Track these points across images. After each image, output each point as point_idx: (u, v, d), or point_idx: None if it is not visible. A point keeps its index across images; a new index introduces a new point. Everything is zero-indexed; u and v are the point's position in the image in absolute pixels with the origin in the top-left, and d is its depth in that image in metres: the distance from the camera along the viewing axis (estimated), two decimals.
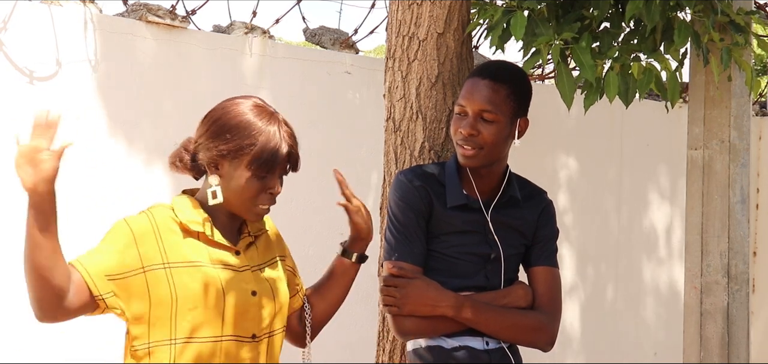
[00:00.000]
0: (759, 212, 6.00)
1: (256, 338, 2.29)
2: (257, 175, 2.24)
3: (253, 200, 2.26)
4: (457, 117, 2.64)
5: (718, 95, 3.44)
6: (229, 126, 2.27)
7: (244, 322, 2.27)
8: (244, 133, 2.25)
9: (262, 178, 2.25)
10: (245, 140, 2.24)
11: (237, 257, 2.31)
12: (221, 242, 2.29)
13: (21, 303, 3.80)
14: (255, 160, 2.23)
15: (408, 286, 2.59)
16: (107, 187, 3.93)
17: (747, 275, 3.49)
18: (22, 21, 3.77)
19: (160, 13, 4.04)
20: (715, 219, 3.46)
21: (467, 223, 2.65)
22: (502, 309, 2.64)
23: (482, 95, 2.59)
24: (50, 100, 3.80)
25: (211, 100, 4.18)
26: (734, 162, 3.45)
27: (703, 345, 3.48)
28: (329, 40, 4.71)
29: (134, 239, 2.22)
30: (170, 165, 2.38)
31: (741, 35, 3.26)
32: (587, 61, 2.95)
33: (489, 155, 2.61)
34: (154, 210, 2.29)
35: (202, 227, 2.27)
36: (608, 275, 5.46)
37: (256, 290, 2.29)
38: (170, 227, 2.26)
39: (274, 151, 2.23)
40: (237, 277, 2.27)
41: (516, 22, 2.96)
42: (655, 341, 5.62)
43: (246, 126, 2.25)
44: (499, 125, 2.59)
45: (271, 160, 2.24)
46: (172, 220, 2.27)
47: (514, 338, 2.67)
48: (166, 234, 2.24)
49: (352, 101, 4.57)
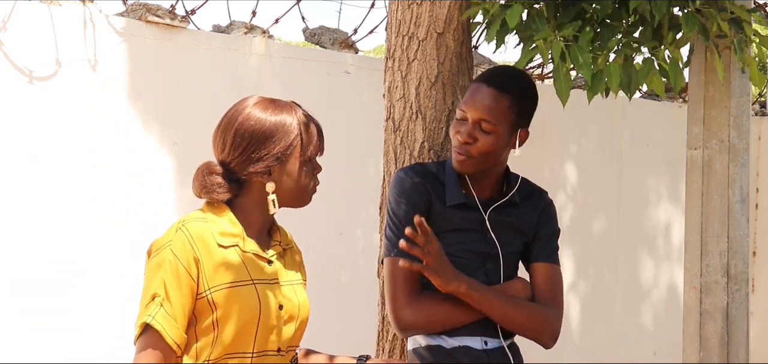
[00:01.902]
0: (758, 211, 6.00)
1: (281, 352, 2.27)
2: (307, 164, 2.29)
3: (309, 186, 2.32)
4: (457, 121, 2.64)
5: (718, 95, 3.44)
6: (266, 132, 2.25)
7: (270, 335, 2.24)
8: (283, 132, 2.26)
9: (310, 163, 2.31)
10: (289, 138, 2.26)
11: (269, 266, 2.28)
12: (258, 253, 2.26)
13: (21, 303, 3.81)
14: (304, 150, 2.28)
15: (434, 241, 2.55)
16: (106, 187, 3.92)
17: (746, 274, 3.49)
18: (22, 20, 3.77)
19: (160, 13, 4.04)
20: (715, 219, 3.46)
21: (466, 221, 2.65)
22: (512, 298, 2.64)
23: (483, 104, 2.58)
24: (50, 100, 3.80)
25: (210, 100, 4.20)
26: (734, 162, 3.45)
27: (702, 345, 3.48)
28: (329, 39, 4.71)
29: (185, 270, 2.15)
30: (202, 194, 2.28)
31: (742, 33, 3.26)
32: (584, 60, 2.94)
33: (482, 163, 2.61)
34: (191, 227, 2.19)
35: (234, 242, 2.22)
36: (608, 275, 5.46)
37: (283, 304, 2.27)
38: (208, 244, 2.19)
39: (314, 134, 2.31)
40: (268, 290, 2.25)
41: (512, 13, 2.96)
42: (655, 340, 5.62)
43: (281, 125, 2.27)
44: (497, 136, 2.58)
45: (314, 142, 2.30)
46: (209, 234, 2.20)
47: (520, 328, 2.65)
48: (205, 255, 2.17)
49: (352, 101, 4.57)
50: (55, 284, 3.80)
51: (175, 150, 4.08)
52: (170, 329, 2.11)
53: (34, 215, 3.77)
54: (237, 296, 2.19)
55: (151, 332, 2.10)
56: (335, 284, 4.45)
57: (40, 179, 3.78)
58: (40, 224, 3.78)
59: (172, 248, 2.14)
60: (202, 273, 2.16)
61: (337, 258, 4.39)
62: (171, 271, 2.13)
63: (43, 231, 3.79)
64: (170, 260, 2.14)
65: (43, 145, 3.79)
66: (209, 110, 4.19)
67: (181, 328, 2.13)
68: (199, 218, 2.22)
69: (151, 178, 4.02)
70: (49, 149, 3.80)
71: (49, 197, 3.80)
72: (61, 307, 3.81)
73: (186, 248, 2.15)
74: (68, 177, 3.84)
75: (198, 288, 2.15)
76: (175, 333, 2.12)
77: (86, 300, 3.85)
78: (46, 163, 3.80)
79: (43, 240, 3.79)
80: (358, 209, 4.51)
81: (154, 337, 2.11)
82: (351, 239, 4.51)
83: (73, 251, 3.85)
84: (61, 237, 3.83)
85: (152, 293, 2.12)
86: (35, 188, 3.78)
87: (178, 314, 2.13)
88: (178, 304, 2.13)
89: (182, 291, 2.13)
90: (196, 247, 2.16)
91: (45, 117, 3.80)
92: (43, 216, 3.79)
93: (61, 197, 3.83)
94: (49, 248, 3.80)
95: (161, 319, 2.10)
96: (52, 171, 3.81)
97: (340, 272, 4.39)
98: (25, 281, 3.76)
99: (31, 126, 3.77)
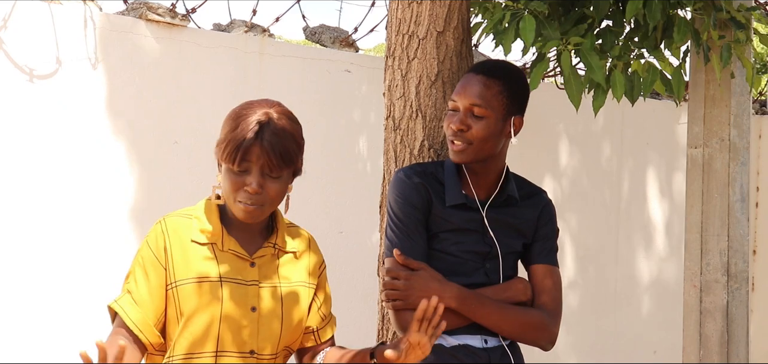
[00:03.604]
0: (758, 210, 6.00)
1: (256, 354, 2.24)
2: (229, 169, 2.20)
3: (234, 196, 2.21)
4: (449, 113, 2.65)
5: (718, 94, 3.44)
6: (224, 123, 2.25)
7: (239, 337, 2.23)
8: (224, 128, 2.23)
9: (236, 173, 2.19)
10: (223, 134, 2.22)
11: (251, 268, 2.27)
12: (235, 251, 2.26)
13: (21, 303, 3.81)
14: (224, 152, 2.19)
15: (412, 277, 2.58)
16: (107, 185, 3.93)
17: (746, 273, 3.49)
18: (22, 19, 3.77)
19: (160, 12, 4.04)
20: (715, 217, 3.46)
21: (465, 221, 2.65)
22: (506, 305, 2.64)
23: (474, 90, 2.60)
24: (50, 99, 3.80)
25: (211, 99, 4.20)
26: (734, 160, 3.45)
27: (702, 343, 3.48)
28: (329, 38, 4.71)
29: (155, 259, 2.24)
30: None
31: (742, 32, 3.26)
32: (596, 63, 2.94)
33: (478, 151, 2.60)
34: (169, 221, 2.26)
35: (210, 239, 2.25)
36: (608, 273, 5.46)
37: (256, 306, 2.25)
38: (182, 239, 2.24)
39: (239, 143, 2.16)
40: (240, 290, 2.24)
41: (525, 25, 2.94)
42: (655, 339, 5.62)
43: (227, 120, 2.23)
44: (489, 121, 2.59)
45: (234, 152, 2.17)
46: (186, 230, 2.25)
47: (516, 334, 2.67)
48: (176, 248, 2.23)
49: (352, 100, 4.57)
50: (56, 281, 3.80)
51: (175, 149, 4.08)
52: (131, 313, 2.21)
53: (34, 212, 3.77)
54: (199, 292, 2.21)
55: (117, 316, 2.23)
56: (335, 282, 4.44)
57: (41, 177, 3.78)
58: (40, 221, 3.78)
59: (148, 239, 2.26)
60: (170, 266, 2.22)
61: (337, 257, 4.38)
62: (143, 260, 2.24)
63: (44, 228, 3.79)
64: (144, 250, 2.25)
65: (43, 144, 3.79)
66: (209, 109, 4.21)
67: (144, 313, 2.21)
68: (184, 214, 2.29)
69: (152, 177, 4.02)
70: (49, 147, 3.80)
71: (49, 194, 3.80)
72: (62, 304, 3.81)
73: (158, 240, 2.24)
74: (68, 175, 3.84)
75: (166, 279, 2.22)
76: (136, 317, 2.21)
77: (86, 298, 3.85)
78: (46, 162, 3.80)
79: (43, 237, 3.79)
80: (358, 208, 4.51)
81: (119, 320, 2.22)
82: (351, 238, 4.51)
83: (73, 248, 3.85)
84: (61, 234, 3.83)
85: (126, 287, 2.25)
86: (35, 185, 3.78)
87: (143, 299, 2.22)
88: (144, 290, 2.22)
89: (150, 280, 2.22)
90: (169, 239, 2.23)
91: (45, 115, 3.80)
92: (43, 213, 3.79)
93: (61, 195, 3.83)
94: (50, 244, 3.80)
95: (124, 303, 2.22)
96: (52, 169, 3.81)
97: (340, 271, 4.39)
98: (25, 278, 3.76)
99: (32, 124, 3.77)
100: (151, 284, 2.22)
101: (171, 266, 2.22)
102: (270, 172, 2.20)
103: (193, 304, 2.20)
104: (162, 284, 2.22)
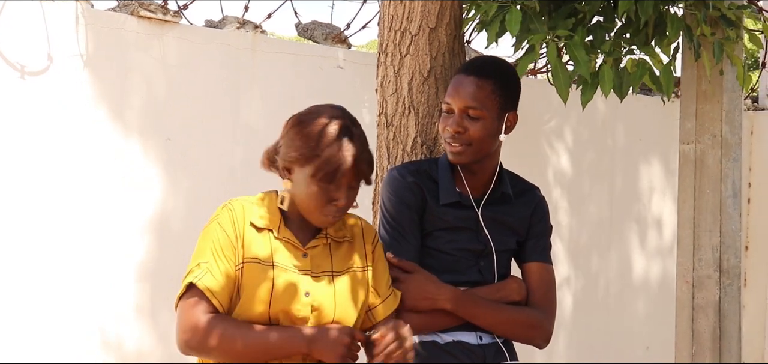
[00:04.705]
0: (751, 206, 6.02)
1: None
2: (321, 187, 2.29)
3: (320, 210, 2.32)
4: (443, 115, 2.64)
5: (710, 90, 3.44)
6: (302, 134, 2.32)
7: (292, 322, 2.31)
8: (312, 144, 2.30)
9: (326, 190, 2.30)
10: (312, 152, 2.29)
11: (303, 258, 2.35)
12: (290, 240, 2.35)
13: (21, 303, 3.80)
14: (318, 172, 2.28)
15: (407, 280, 2.58)
16: (99, 182, 3.92)
17: (739, 269, 3.49)
18: (14, 16, 3.76)
19: (152, 8, 4.03)
20: (707, 213, 3.47)
21: (459, 219, 2.65)
22: (500, 305, 2.64)
23: (467, 92, 2.59)
24: (42, 95, 3.79)
25: (202, 96, 4.19)
26: (726, 157, 3.46)
27: (695, 339, 3.49)
28: (321, 34, 4.71)
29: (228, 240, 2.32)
30: (261, 164, 2.44)
31: (732, 30, 3.26)
32: (582, 58, 2.95)
33: (477, 151, 2.61)
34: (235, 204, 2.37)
35: (268, 225, 2.35)
36: (600, 269, 5.47)
37: (310, 291, 2.33)
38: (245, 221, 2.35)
39: (337, 167, 2.28)
40: (293, 276, 2.32)
41: (511, 18, 2.95)
42: (647, 335, 5.64)
43: (315, 137, 2.30)
44: (485, 121, 2.59)
45: (332, 174, 2.28)
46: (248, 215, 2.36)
47: (510, 334, 2.67)
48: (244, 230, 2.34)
49: (345, 96, 4.55)
50: (49, 281, 3.79)
51: (167, 145, 4.07)
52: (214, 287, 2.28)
53: (26, 210, 3.76)
54: (255, 271, 2.30)
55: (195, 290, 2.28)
56: None
57: (33, 175, 3.77)
58: (32, 219, 3.77)
59: (219, 221, 2.34)
60: (239, 246, 2.31)
61: None
62: (216, 241, 2.32)
63: (36, 226, 3.78)
64: (217, 231, 2.33)
65: (35, 140, 3.78)
66: (201, 105, 4.20)
67: (223, 289, 2.29)
68: (246, 201, 2.39)
69: (144, 173, 4.01)
70: (41, 144, 3.79)
71: (41, 192, 3.79)
72: (56, 303, 3.80)
73: (229, 222, 2.33)
74: (60, 172, 3.83)
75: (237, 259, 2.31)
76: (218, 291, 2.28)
77: (82, 296, 3.85)
78: (38, 159, 3.79)
79: (34, 234, 3.78)
80: None
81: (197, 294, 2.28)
82: None
83: (66, 247, 3.84)
84: (53, 232, 3.82)
85: (198, 261, 2.31)
86: (27, 183, 3.76)
87: (221, 277, 2.29)
88: (223, 268, 2.30)
89: (226, 258, 2.30)
90: (238, 223, 2.33)
91: (37, 112, 3.78)
92: (36, 211, 3.78)
93: (53, 192, 3.82)
94: (42, 243, 3.79)
95: (207, 280, 2.28)
96: (44, 166, 3.80)
97: None
98: (18, 277, 3.75)
99: (24, 121, 3.76)
100: (227, 263, 2.31)
101: (240, 246, 2.32)
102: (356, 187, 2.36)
103: (248, 280, 2.30)
104: (235, 263, 2.31)
